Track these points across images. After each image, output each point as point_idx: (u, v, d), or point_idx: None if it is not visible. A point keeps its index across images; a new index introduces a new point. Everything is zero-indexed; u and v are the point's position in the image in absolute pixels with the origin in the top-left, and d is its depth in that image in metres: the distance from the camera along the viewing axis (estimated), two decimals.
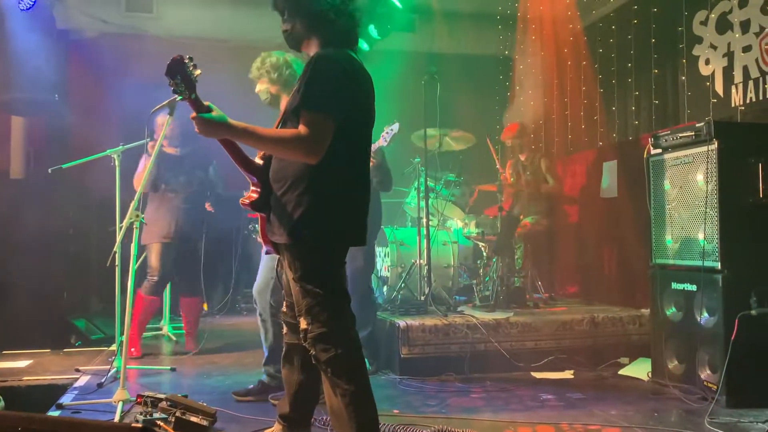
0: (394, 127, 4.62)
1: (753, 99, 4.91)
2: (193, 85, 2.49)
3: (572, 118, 7.35)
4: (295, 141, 2.50)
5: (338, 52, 2.62)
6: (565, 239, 6.89)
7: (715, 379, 3.88)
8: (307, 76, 2.54)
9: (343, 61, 2.60)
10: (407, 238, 6.06)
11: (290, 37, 2.77)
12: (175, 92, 2.49)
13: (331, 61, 2.57)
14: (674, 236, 4.37)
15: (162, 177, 5.38)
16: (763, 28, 4.81)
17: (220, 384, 4.41)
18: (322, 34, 2.69)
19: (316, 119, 2.49)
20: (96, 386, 4.21)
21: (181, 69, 2.45)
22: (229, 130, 2.54)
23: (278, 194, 2.62)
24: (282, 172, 2.63)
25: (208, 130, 2.51)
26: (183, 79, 2.45)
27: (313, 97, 2.51)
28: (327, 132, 2.50)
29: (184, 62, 2.46)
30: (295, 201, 2.56)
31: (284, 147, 2.55)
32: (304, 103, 2.51)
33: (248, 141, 2.62)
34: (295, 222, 2.55)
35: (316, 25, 2.68)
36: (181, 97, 2.49)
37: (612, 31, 6.66)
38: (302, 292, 2.58)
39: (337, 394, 2.57)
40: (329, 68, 2.55)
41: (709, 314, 4.03)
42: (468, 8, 7.17)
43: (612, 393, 4.26)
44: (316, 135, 2.48)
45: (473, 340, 4.79)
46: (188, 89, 2.47)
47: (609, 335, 5.10)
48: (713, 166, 4.00)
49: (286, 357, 2.94)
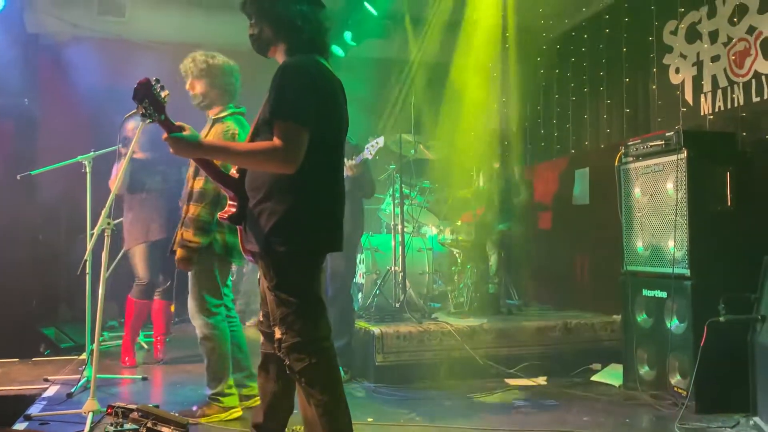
0: (379, 141, 4.70)
1: (721, 108, 5.00)
2: (162, 106, 2.48)
3: (545, 125, 7.43)
4: (270, 152, 2.49)
5: (306, 59, 2.62)
6: (538, 246, 6.96)
7: (685, 384, 3.94)
8: (277, 85, 2.53)
9: (312, 68, 2.59)
10: (382, 244, 6.06)
11: (257, 42, 2.76)
12: (144, 116, 2.47)
13: (300, 69, 2.56)
14: (645, 243, 4.43)
15: (138, 181, 5.31)
16: (731, 39, 4.90)
17: (193, 393, 4.36)
18: (289, 40, 2.68)
19: (289, 129, 2.48)
20: (65, 396, 4.15)
21: (148, 92, 2.43)
22: (202, 150, 2.54)
23: (253, 203, 2.61)
24: (256, 182, 2.62)
25: (181, 150, 2.50)
26: (151, 102, 2.44)
27: (284, 106, 2.50)
28: (302, 141, 2.49)
29: (150, 85, 2.45)
30: (270, 210, 2.55)
31: (260, 160, 2.53)
32: (276, 113, 2.50)
33: (222, 158, 2.60)
34: (269, 231, 2.54)
35: (283, 31, 2.68)
36: (150, 120, 2.47)
37: (584, 40, 6.74)
38: (277, 301, 2.57)
39: (311, 403, 2.56)
40: (298, 76, 2.54)
41: (679, 320, 4.09)
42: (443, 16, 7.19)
43: (584, 399, 4.31)
44: (291, 144, 2.47)
45: (448, 347, 4.81)
46: (157, 111, 2.46)
47: (581, 341, 5.15)
48: (682, 175, 4.06)
49: (262, 366, 2.92)
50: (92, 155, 4.63)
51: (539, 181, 7.30)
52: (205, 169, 2.70)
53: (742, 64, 4.80)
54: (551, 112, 7.30)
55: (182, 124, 2.53)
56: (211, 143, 2.51)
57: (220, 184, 2.74)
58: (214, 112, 3.85)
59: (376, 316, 5.19)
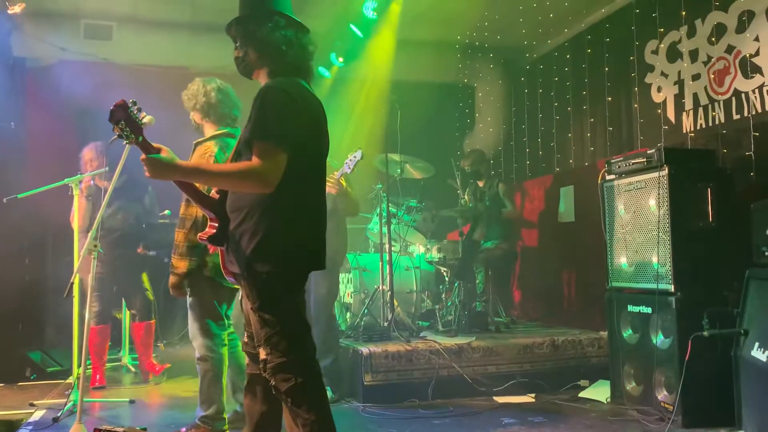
0: (357, 155, 4.71)
1: (703, 125, 5.08)
2: (140, 128, 2.48)
3: (530, 144, 7.51)
4: (248, 173, 2.51)
5: (287, 81, 2.65)
6: (524, 263, 7.00)
7: (672, 399, 3.96)
8: (257, 107, 2.56)
9: (292, 90, 2.62)
10: (370, 263, 6.08)
11: (241, 65, 2.80)
12: (120, 137, 2.48)
13: (280, 90, 2.60)
14: (629, 260, 4.47)
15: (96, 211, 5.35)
16: (711, 58, 5.00)
17: (181, 416, 4.33)
18: (273, 64, 2.72)
19: (267, 149, 2.50)
20: (51, 421, 4.11)
21: (124, 114, 2.44)
22: (179, 171, 2.54)
23: (234, 225, 2.62)
24: (237, 203, 2.63)
25: (158, 172, 2.50)
26: (128, 123, 2.44)
27: (263, 127, 2.53)
28: (280, 161, 2.51)
29: (127, 106, 2.45)
30: (251, 231, 2.57)
31: (238, 180, 2.55)
32: (255, 134, 2.53)
33: (200, 179, 2.61)
34: (251, 252, 2.55)
35: (267, 54, 2.72)
36: (127, 141, 2.48)
37: (567, 60, 6.84)
38: (260, 321, 2.57)
39: (298, 424, 2.55)
40: (278, 98, 2.57)
41: (664, 336, 4.12)
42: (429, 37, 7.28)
43: (572, 416, 4.32)
44: (268, 165, 2.49)
45: (436, 366, 4.81)
46: (134, 133, 2.46)
47: (569, 358, 5.17)
48: (664, 192, 4.11)
49: (248, 387, 2.92)
50: (79, 178, 4.65)
51: (525, 199, 7.36)
52: (184, 190, 2.70)
53: (722, 82, 4.89)
54: (535, 130, 7.38)
55: (160, 146, 2.54)
56: (187, 165, 2.52)
57: (200, 205, 2.75)
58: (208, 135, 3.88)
59: (365, 335, 5.18)
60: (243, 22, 2.76)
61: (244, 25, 2.76)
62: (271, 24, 2.71)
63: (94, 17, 6.86)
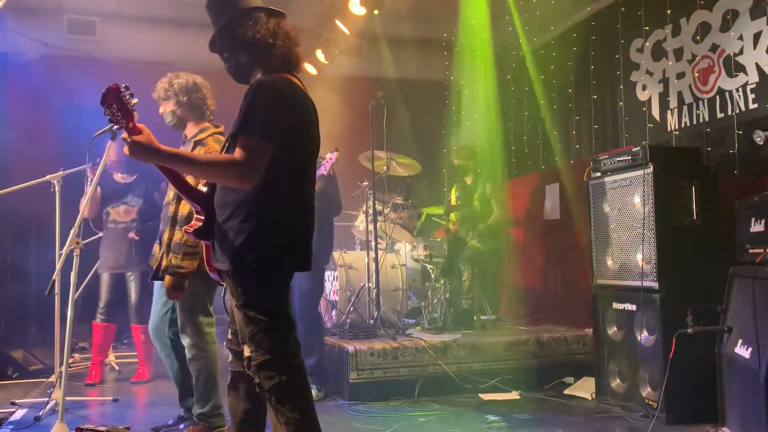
0: (333, 156, 4.66)
1: (687, 123, 5.11)
2: (131, 113, 2.46)
3: (516, 142, 7.52)
4: (227, 165, 2.49)
5: (277, 77, 2.63)
6: (510, 261, 7.00)
7: (656, 396, 3.98)
8: (246, 102, 2.54)
9: (282, 86, 2.60)
10: (356, 261, 6.06)
11: (237, 72, 2.77)
12: (111, 121, 2.45)
13: (269, 86, 2.58)
14: (614, 257, 4.49)
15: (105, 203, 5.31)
16: (695, 56, 5.02)
17: (165, 414, 4.29)
18: (264, 60, 2.69)
19: (251, 144, 2.49)
20: (33, 420, 4.07)
21: (116, 97, 2.42)
22: (159, 155, 2.49)
23: (221, 220, 2.60)
24: (225, 198, 2.61)
25: (138, 154, 2.46)
26: (119, 107, 2.42)
27: (249, 122, 2.51)
28: (262, 157, 2.49)
29: (119, 91, 2.43)
30: (238, 227, 2.55)
31: (217, 171, 2.54)
32: (241, 128, 2.51)
33: (179, 166, 2.58)
34: (237, 248, 2.53)
35: (257, 52, 2.69)
36: (117, 125, 2.46)
37: (552, 58, 6.86)
38: (245, 319, 2.56)
39: (281, 422, 2.53)
40: (267, 94, 2.55)
41: (648, 333, 4.14)
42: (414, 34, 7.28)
43: (558, 413, 4.33)
44: (249, 160, 2.47)
45: (422, 363, 4.81)
46: (125, 117, 2.44)
47: (554, 355, 5.18)
48: (649, 189, 4.12)
49: (231, 385, 2.90)
50: (61, 174, 4.58)
51: (511, 197, 7.37)
52: (171, 180, 2.67)
53: (707, 80, 4.92)
54: (522, 128, 7.39)
55: (143, 126, 2.50)
56: (168, 150, 2.48)
57: (185, 196, 2.72)
58: (191, 132, 3.83)
59: (350, 333, 5.17)
60: (226, 30, 2.71)
61: (228, 33, 2.72)
62: (252, 21, 2.68)
63: (78, 12, 6.81)
